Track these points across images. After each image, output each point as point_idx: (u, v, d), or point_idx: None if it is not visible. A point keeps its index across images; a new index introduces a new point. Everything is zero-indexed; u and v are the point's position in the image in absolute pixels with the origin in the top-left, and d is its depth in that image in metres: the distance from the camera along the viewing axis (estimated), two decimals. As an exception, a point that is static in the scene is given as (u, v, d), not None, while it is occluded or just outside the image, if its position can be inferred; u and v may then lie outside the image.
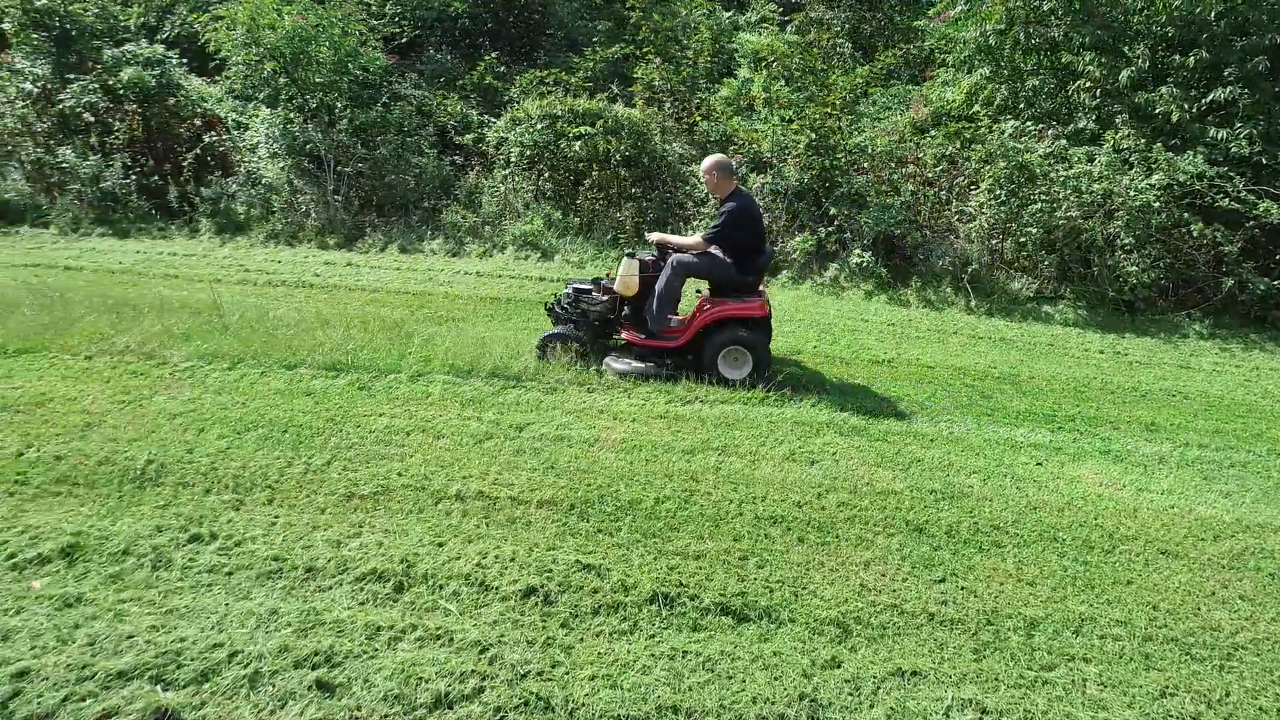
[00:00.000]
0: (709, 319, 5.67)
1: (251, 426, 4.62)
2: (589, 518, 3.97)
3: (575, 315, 5.96)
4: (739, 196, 5.69)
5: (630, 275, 5.76)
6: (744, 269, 5.72)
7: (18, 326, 5.84)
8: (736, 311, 5.64)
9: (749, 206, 5.69)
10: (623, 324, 5.96)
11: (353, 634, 3.07)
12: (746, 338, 5.64)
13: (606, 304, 5.92)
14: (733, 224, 5.59)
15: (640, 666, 3.04)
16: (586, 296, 5.97)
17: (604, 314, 5.93)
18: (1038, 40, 9.73)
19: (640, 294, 5.84)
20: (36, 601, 3.14)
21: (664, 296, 5.71)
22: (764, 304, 5.73)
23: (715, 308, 5.68)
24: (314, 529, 3.72)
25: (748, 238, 5.68)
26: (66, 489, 3.92)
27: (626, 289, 5.79)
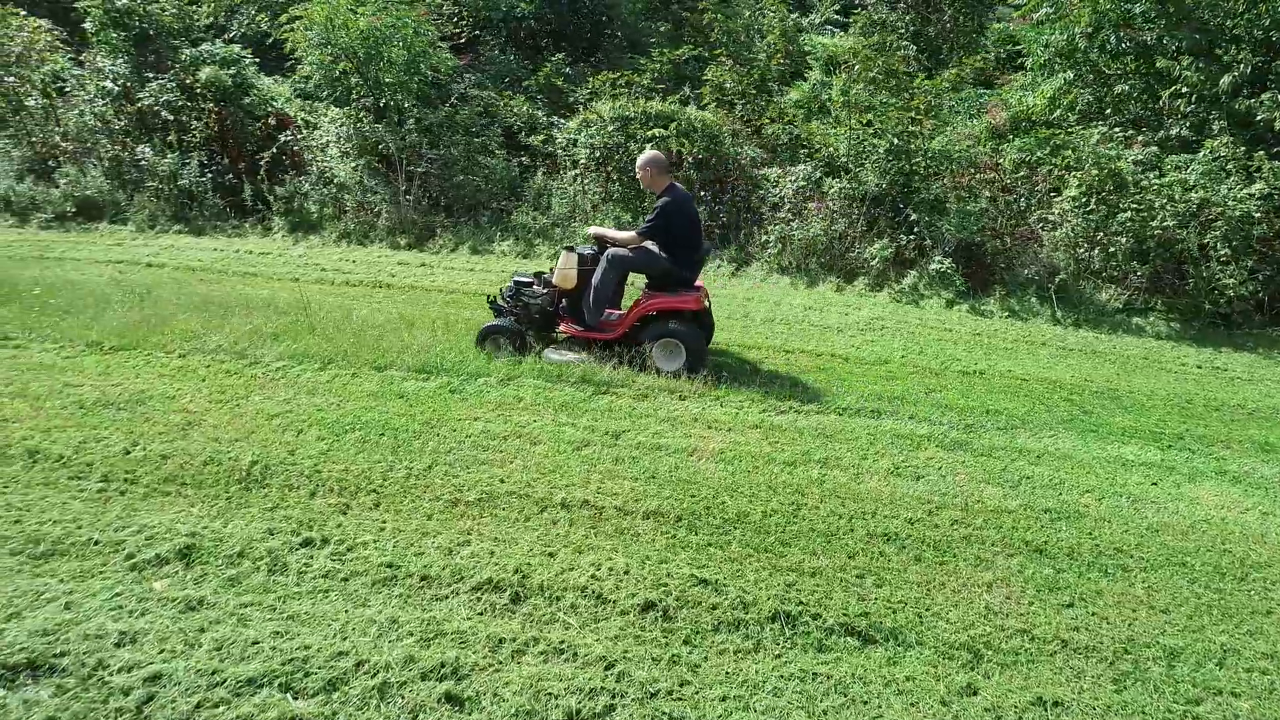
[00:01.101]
0: (644, 311, 5.81)
1: (349, 429, 4.61)
2: (697, 530, 3.88)
3: (517, 308, 6.03)
4: (673, 192, 5.77)
5: (568, 269, 5.86)
6: (680, 264, 5.81)
7: (112, 324, 5.92)
8: (671, 305, 5.76)
9: (683, 202, 5.77)
10: (561, 316, 6.06)
11: (475, 646, 3.02)
12: (679, 330, 5.74)
13: (547, 297, 5.99)
14: (666, 219, 5.67)
15: (771, 688, 2.94)
16: (528, 290, 6.03)
17: (544, 307, 6.00)
18: (1128, 44, 9.42)
19: (579, 287, 5.94)
20: (160, 603, 3.14)
21: (600, 290, 5.83)
22: (699, 298, 5.83)
23: (650, 301, 5.79)
24: (423, 535, 3.69)
25: (683, 233, 5.78)
26: (175, 489, 3.93)
27: (565, 282, 5.89)
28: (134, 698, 2.69)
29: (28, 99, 11.22)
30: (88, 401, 4.74)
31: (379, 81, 10.50)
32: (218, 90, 10.54)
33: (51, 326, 5.81)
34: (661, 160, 5.85)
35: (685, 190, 6.00)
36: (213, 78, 10.39)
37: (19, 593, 3.14)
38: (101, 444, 4.26)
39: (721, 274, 9.41)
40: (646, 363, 5.76)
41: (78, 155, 10.81)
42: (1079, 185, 8.76)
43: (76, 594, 3.14)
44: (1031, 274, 8.98)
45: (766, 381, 5.82)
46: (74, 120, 11.02)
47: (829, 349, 6.78)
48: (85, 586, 3.20)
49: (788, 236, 9.32)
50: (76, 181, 10.29)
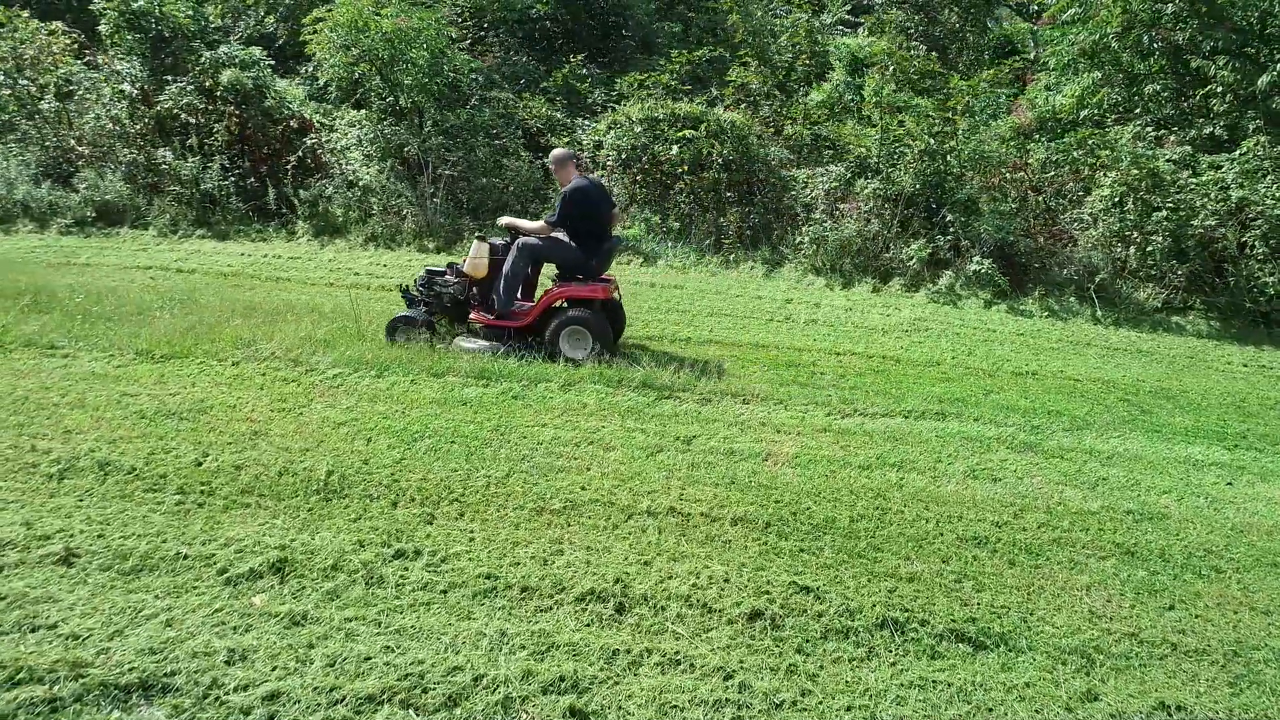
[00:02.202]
0: (552, 300, 5.92)
1: (418, 436, 4.55)
2: (787, 536, 3.84)
3: (429, 298, 6.08)
4: (579, 182, 5.90)
5: (479, 258, 5.95)
6: (588, 254, 5.93)
7: (160, 331, 5.84)
8: (578, 294, 5.87)
9: (589, 191, 5.88)
10: (473, 305, 6.11)
11: (590, 658, 2.97)
12: (585, 318, 5.84)
13: (459, 286, 6.05)
14: (570, 206, 5.79)
15: (893, 697, 2.91)
16: (440, 279, 6.09)
17: (456, 296, 6.05)
18: (1160, 44, 9.44)
19: (490, 276, 6.00)
20: (262, 619, 3.08)
21: (511, 278, 5.91)
22: (607, 288, 5.95)
23: (558, 290, 5.90)
24: (514, 545, 3.63)
25: (590, 224, 5.91)
26: (254, 500, 3.87)
27: (476, 271, 5.99)
28: (255, 717, 2.63)
29: (41, 102, 11.08)
30: (149, 411, 4.66)
31: (399, 83, 10.43)
32: (239, 93, 10.43)
33: (99, 335, 5.72)
34: (567, 155, 6.00)
35: (596, 182, 6.12)
36: (235, 80, 10.28)
37: (117, 610, 3.07)
38: (171, 455, 4.19)
39: (754, 275, 9.38)
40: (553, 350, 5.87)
41: (95, 159, 10.68)
42: (1112, 185, 8.76)
43: (175, 610, 3.08)
44: (1071, 274, 8.98)
45: (825, 385, 5.79)
46: (90, 124, 10.88)
47: (879, 351, 6.76)
48: (183, 602, 3.13)
49: (822, 237, 9.29)
50: (96, 186, 10.16)
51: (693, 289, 8.49)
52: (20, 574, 3.23)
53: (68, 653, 2.82)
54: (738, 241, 9.72)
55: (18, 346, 5.53)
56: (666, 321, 7.19)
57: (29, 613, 3.00)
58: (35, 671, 2.73)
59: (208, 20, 11.84)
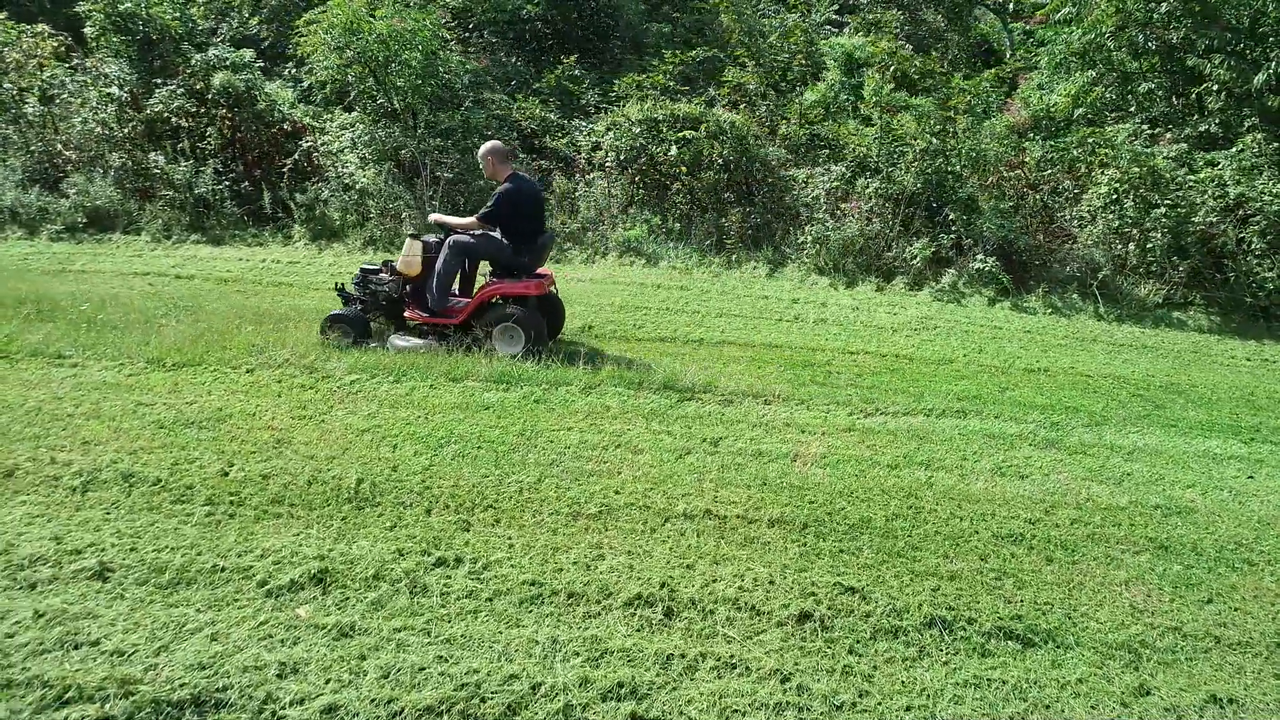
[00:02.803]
0: (485, 297, 5.92)
1: (444, 442, 4.51)
2: (825, 537, 3.84)
3: (365, 296, 6.08)
4: (515, 179, 5.89)
5: (413, 256, 5.94)
6: (521, 250, 5.94)
7: (169, 339, 5.74)
8: (511, 290, 5.87)
9: (524, 189, 5.88)
10: (408, 303, 6.10)
11: (645, 663, 2.96)
12: (519, 315, 5.84)
13: (393, 284, 6.05)
14: (505, 204, 5.79)
15: (950, 696, 2.91)
16: (374, 277, 6.10)
17: (390, 294, 6.06)
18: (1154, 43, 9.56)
19: (424, 274, 6.00)
20: (309, 631, 3.03)
21: (443, 276, 5.91)
22: (541, 284, 5.96)
23: (492, 286, 5.91)
24: (554, 551, 3.61)
25: (523, 220, 5.90)
26: (285, 510, 3.81)
27: (409, 269, 5.97)
28: (314, 731, 2.60)
29: (25, 106, 10.86)
30: (167, 421, 4.58)
31: (392, 85, 10.33)
32: (231, 96, 10.29)
33: (107, 343, 5.62)
34: (501, 150, 5.97)
35: (529, 178, 6.12)
36: (227, 83, 10.14)
37: (159, 625, 3.02)
38: (196, 465, 4.12)
39: (757, 275, 9.39)
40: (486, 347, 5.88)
41: (83, 164, 10.48)
42: (1109, 182, 8.87)
43: (220, 624, 3.02)
44: (1073, 270, 9.07)
45: (843, 384, 5.80)
46: (78, 128, 10.68)
47: (891, 349, 6.79)
48: (225, 616, 3.07)
49: (824, 237, 9.32)
50: (86, 191, 9.96)
51: (698, 290, 8.48)
52: (56, 590, 3.17)
53: (115, 670, 2.77)
54: (739, 242, 9.72)
55: (24, 356, 5.42)
56: (677, 323, 7.18)
57: (70, 630, 2.94)
58: (84, 690, 2.67)
59: (195, 22, 11.65)
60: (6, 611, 3.02)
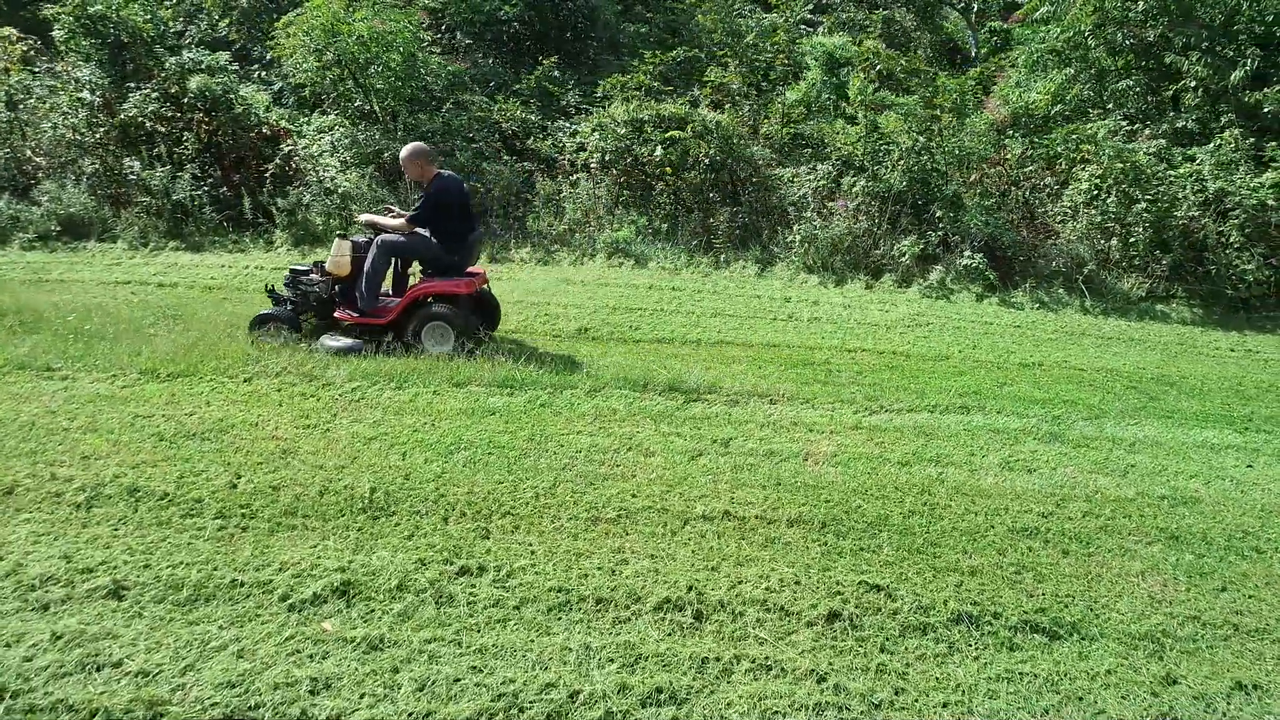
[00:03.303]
0: (415, 296, 5.92)
1: (453, 449, 4.46)
2: (844, 535, 3.86)
3: (295, 297, 6.08)
4: (441, 180, 5.89)
5: (341, 256, 5.95)
6: (451, 249, 5.97)
7: (161, 349, 5.62)
8: (440, 289, 5.89)
9: (451, 188, 5.89)
10: (338, 303, 6.11)
11: (681, 668, 2.95)
12: (447, 313, 5.86)
13: (324, 284, 6.05)
14: (433, 206, 5.82)
15: (984, 691, 2.94)
16: (305, 278, 6.09)
17: (321, 294, 6.06)
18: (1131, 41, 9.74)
19: (353, 274, 6.01)
20: (337, 645, 2.98)
21: (372, 276, 5.91)
22: (472, 283, 5.99)
23: (422, 285, 5.94)
24: (577, 556, 3.58)
25: (452, 220, 5.94)
26: (299, 522, 3.74)
27: (338, 269, 5.98)
28: (354, 747, 2.56)
29: (-4, 113, 10.57)
30: (167, 433, 4.48)
31: (371, 87, 10.21)
32: (208, 100, 10.09)
33: (97, 355, 5.48)
34: (424, 151, 5.94)
35: (455, 177, 6.10)
36: (203, 87, 9.94)
37: (182, 643, 2.95)
38: (202, 478, 4.03)
39: (747, 275, 9.42)
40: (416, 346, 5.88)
41: (54, 170, 10.21)
42: (1089, 178, 9.02)
43: (244, 640, 2.97)
44: (1059, 265, 9.21)
45: (845, 382, 5.84)
46: (48, 134, 10.41)
47: (888, 347, 6.84)
48: (249, 632, 3.01)
49: (812, 236, 9.37)
50: (58, 198, 9.71)
51: (690, 290, 8.48)
52: (70, 610, 3.08)
53: (141, 691, 2.70)
54: (727, 242, 9.73)
55: (11, 369, 5.27)
56: (673, 324, 7.17)
57: (89, 651, 2.87)
58: (111, 714, 2.61)
59: (167, 25, 11.41)
60: (22, 634, 2.93)
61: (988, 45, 17.83)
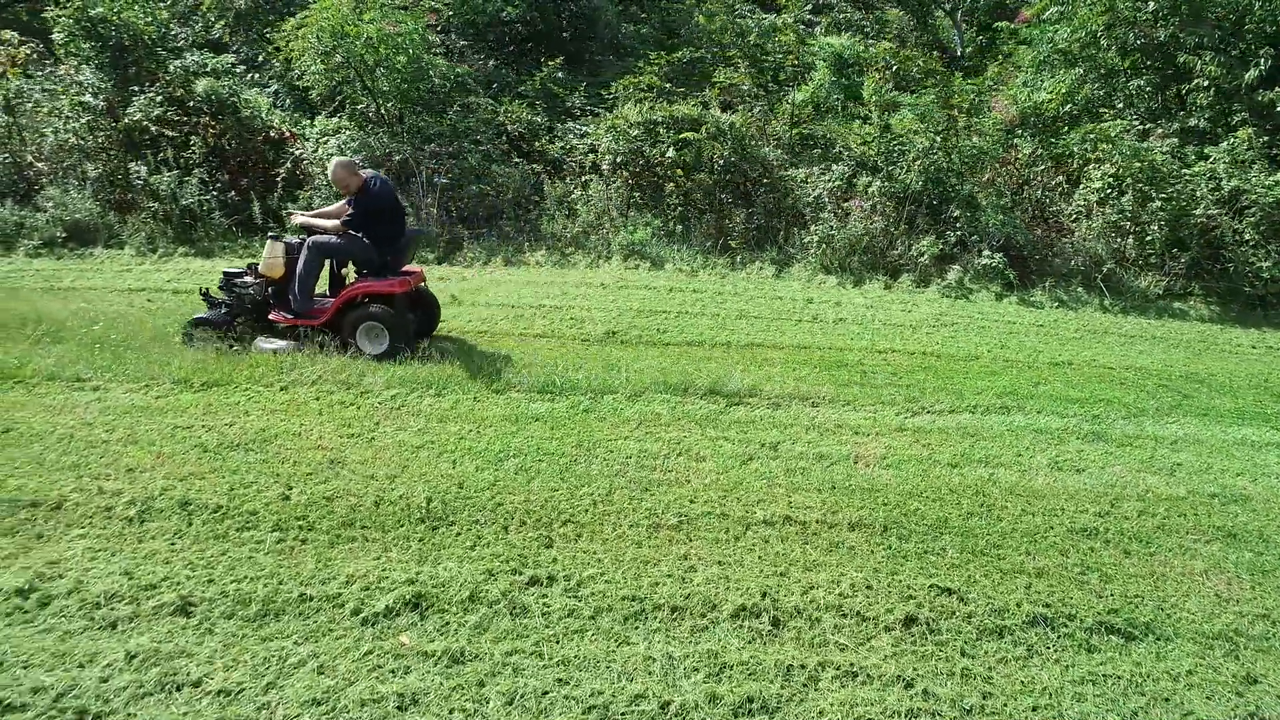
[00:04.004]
0: (348, 296, 5.90)
1: (503, 456, 4.42)
2: (907, 539, 3.85)
3: (230, 300, 6.05)
4: (369, 187, 5.90)
5: (274, 258, 5.92)
6: (384, 250, 5.99)
7: (192, 358, 5.54)
8: (374, 289, 5.88)
9: (381, 194, 5.91)
10: (272, 305, 6.09)
11: (767, 676, 2.93)
12: (380, 314, 5.84)
13: (258, 286, 6.04)
14: (364, 214, 5.86)
15: (1071, 694, 2.94)
16: (238, 281, 6.07)
17: (255, 297, 6.04)
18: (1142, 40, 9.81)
19: (286, 275, 5.99)
20: (417, 659, 2.94)
21: (305, 277, 5.89)
22: (406, 282, 5.99)
23: (355, 286, 5.92)
24: (644, 564, 3.56)
25: (384, 225, 5.96)
26: (358, 533, 3.69)
27: (271, 271, 5.96)
28: (452, 765, 2.52)
29: (-10, 116, 10.36)
30: (210, 444, 4.41)
31: (378, 89, 10.11)
32: (214, 103, 9.96)
33: (126, 365, 5.39)
34: (349, 164, 5.95)
35: (386, 182, 6.11)
36: (210, 90, 9.81)
37: (259, 660, 2.90)
38: (253, 489, 3.98)
39: (764, 276, 9.41)
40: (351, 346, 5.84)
41: (56, 176, 10.05)
42: (1102, 177, 9.08)
43: (322, 656, 2.92)
44: (1078, 264, 9.26)
45: (882, 384, 5.83)
46: (51, 138, 10.23)
47: (918, 347, 6.84)
48: (325, 647, 2.97)
49: (829, 236, 9.37)
50: (62, 204, 9.54)
51: (711, 292, 8.46)
52: (140, 628, 3.03)
53: (226, 711, 2.66)
54: (743, 243, 9.72)
55: (40, 380, 5.18)
56: (700, 327, 7.14)
57: (166, 670, 2.82)
58: (199, 734, 2.56)
59: (167, 28, 11.26)
60: (94, 653, 2.88)
61: (973, 44, 17.96)
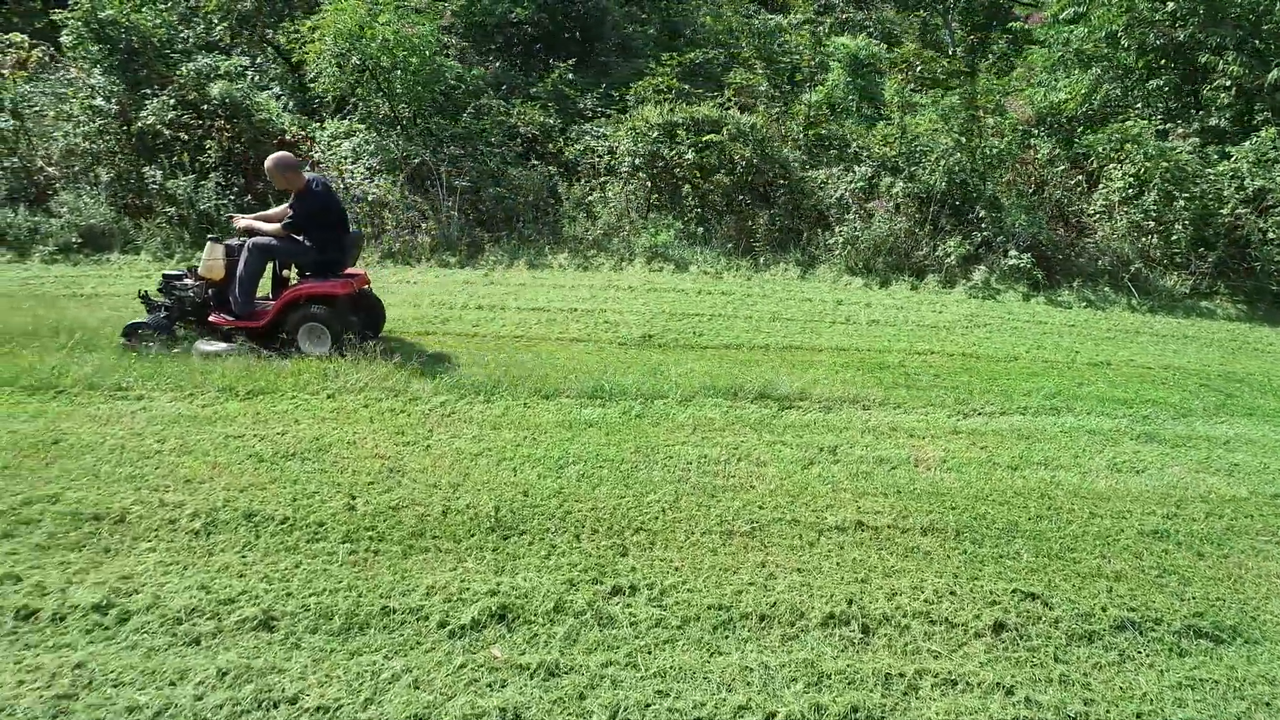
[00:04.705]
0: (289, 298, 5.88)
1: (562, 463, 4.38)
2: (980, 543, 3.83)
3: (170, 303, 6.01)
4: (311, 187, 5.87)
5: (214, 260, 5.87)
6: (325, 251, 5.95)
7: (235, 366, 5.47)
8: (315, 290, 5.86)
9: (320, 194, 5.88)
10: (212, 307, 6.05)
11: (867, 685, 2.90)
12: (321, 314, 5.84)
13: (199, 289, 5.99)
14: (305, 215, 5.83)
15: (1171, 700, 2.93)
16: (178, 283, 6.03)
17: (195, 299, 6.00)
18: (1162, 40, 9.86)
19: (227, 278, 5.94)
20: (513, 672, 2.90)
21: (245, 279, 5.86)
22: (349, 284, 5.97)
23: (297, 287, 5.91)
24: (724, 571, 3.53)
25: (326, 223, 5.92)
26: (430, 544, 3.65)
27: (211, 273, 5.91)
28: (570, 782, 2.48)
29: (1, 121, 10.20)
30: (265, 454, 4.35)
31: (393, 92, 10.04)
32: (228, 107, 9.86)
33: (167, 373, 5.31)
34: (288, 161, 5.90)
35: (323, 180, 6.09)
36: (225, 93, 9.71)
37: (352, 675, 2.86)
38: (316, 499, 3.92)
39: (789, 277, 9.39)
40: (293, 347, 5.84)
41: (68, 180, 9.92)
42: (1123, 176, 9.11)
43: (415, 670, 2.88)
44: (1105, 264, 9.28)
45: (926, 385, 5.82)
46: (60, 142, 10.10)
47: (955, 348, 6.84)
48: (417, 661, 2.93)
49: (854, 238, 9.37)
50: (76, 209, 9.42)
51: (739, 294, 8.44)
52: (224, 643, 2.98)
53: (330, 728, 2.61)
54: (766, 244, 9.70)
55: (81, 389, 5.10)
56: (735, 329, 7.12)
57: (260, 687, 2.77)
58: (318, 755, 2.52)
59: (175, 30, 11.14)
60: (184, 670, 2.83)
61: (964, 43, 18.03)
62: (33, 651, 2.91)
